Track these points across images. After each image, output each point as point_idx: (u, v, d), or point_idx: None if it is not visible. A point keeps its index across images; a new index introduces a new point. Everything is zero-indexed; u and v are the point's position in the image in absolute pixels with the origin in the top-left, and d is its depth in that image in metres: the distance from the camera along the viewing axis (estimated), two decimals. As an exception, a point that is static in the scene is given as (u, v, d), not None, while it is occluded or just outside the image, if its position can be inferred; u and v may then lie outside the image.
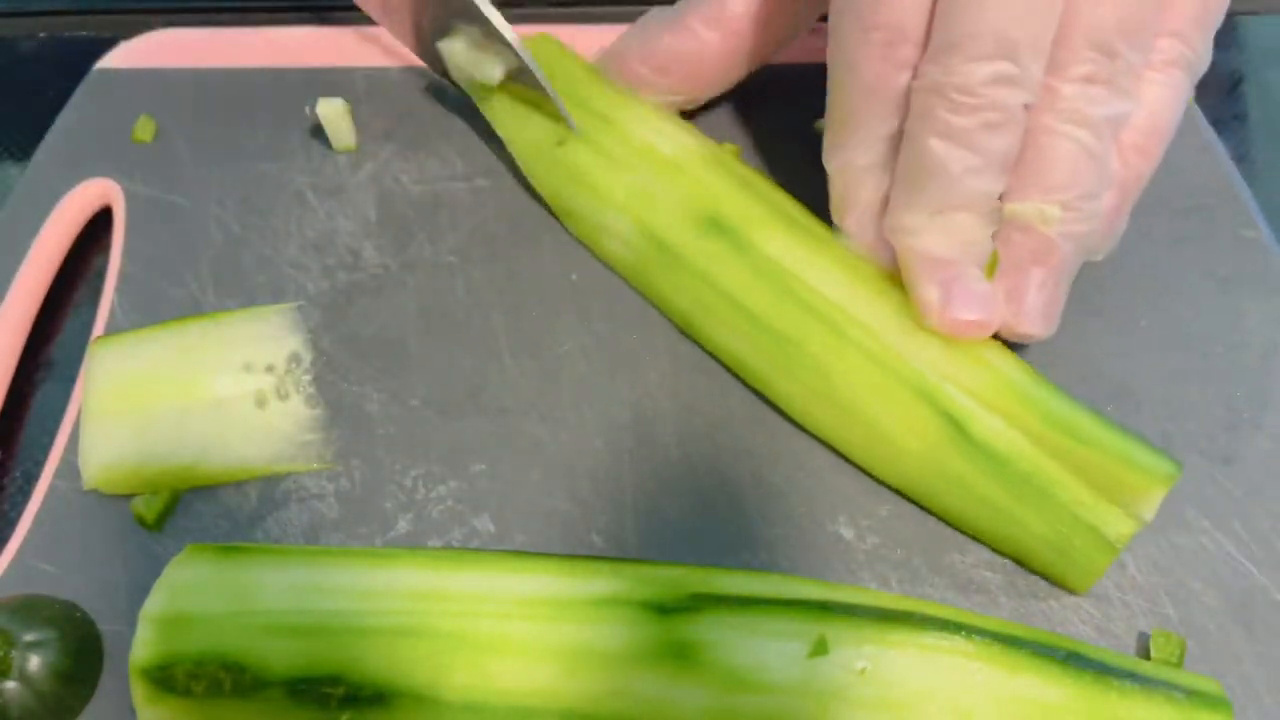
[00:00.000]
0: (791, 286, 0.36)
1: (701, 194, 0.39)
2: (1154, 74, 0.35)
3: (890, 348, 0.35)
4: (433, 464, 0.37)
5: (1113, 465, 0.33)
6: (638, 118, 0.42)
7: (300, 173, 0.46)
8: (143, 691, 0.30)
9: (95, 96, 0.49)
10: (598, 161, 0.41)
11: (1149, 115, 0.36)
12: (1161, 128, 0.36)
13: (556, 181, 0.42)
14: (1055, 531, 0.32)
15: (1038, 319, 0.35)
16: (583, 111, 0.42)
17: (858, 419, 0.35)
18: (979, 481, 0.33)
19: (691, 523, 0.35)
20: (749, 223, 0.38)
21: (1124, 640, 0.33)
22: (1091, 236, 0.36)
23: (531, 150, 0.43)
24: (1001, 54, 0.32)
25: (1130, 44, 0.33)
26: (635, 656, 0.29)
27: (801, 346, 0.36)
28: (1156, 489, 0.33)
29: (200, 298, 0.42)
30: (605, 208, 0.41)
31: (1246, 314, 0.41)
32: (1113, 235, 0.38)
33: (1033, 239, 0.35)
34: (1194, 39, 0.36)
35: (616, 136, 0.41)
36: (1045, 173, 0.34)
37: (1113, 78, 0.34)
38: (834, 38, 0.36)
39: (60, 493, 0.36)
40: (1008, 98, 0.33)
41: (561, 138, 0.42)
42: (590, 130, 0.42)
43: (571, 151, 0.42)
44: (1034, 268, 0.35)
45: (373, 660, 0.29)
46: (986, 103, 0.32)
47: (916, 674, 0.28)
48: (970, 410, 0.33)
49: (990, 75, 0.32)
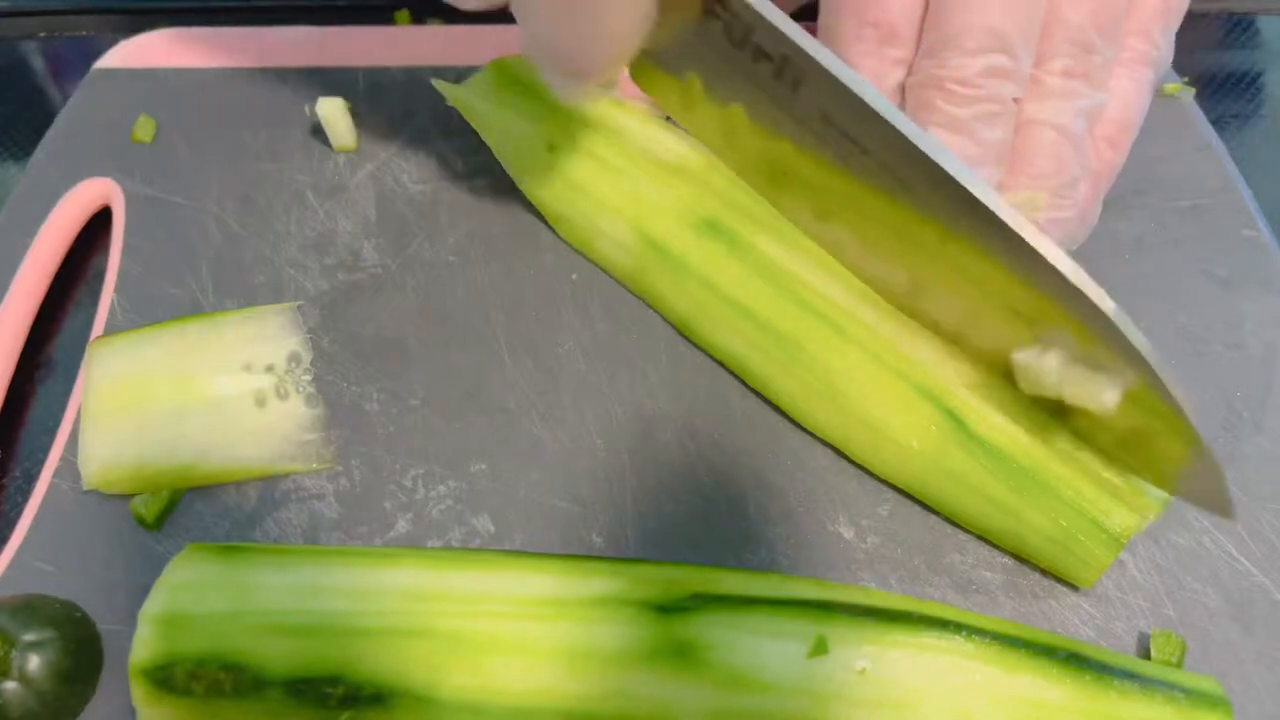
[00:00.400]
0: (790, 286, 0.36)
1: (697, 197, 0.39)
2: (1123, 69, 0.37)
3: (890, 345, 0.35)
4: (433, 464, 0.37)
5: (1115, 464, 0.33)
6: (630, 124, 0.42)
7: (300, 173, 0.46)
8: (143, 691, 0.30)
9: (95, 96, 0.49)
10: (590, 167, 0.41)
11: (1119, 109, 0.37)
12: (1130, 121, 0.38)
13: (547, 187, 0.42)
14: (1058, 527, 0.32)
15: None
16: (572, 119, 0.42)
17: (859, 417, 0.35)
18: (981, 478, 0.33)
19: (691, 523, 0.35)
20: (746, 224, 0.38)
21: (1124, 640, 0.33)
22: (1072, 223, 0.37)
23: (519, 157, 0.43)
24: (995, 47, 0.33)
25: (1104, 40, 0.35)
26: (635, 656, 0.29)
27: (801, 345, 0.36)
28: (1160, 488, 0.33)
29: (200, 298, 0.42)
30: (600, 213, 0.41)
31: (1246, 314, 0.41)
32: (1087, 225, 0.39)
33: None
34: (1158, 37, 0.37)
35: (608, 143, 0.41)
36: (1031, 161, 0.35)
37: (1089, 71, 0.35)
38: (827, 36, 0.37)
39: (60, 493, 0.36)
40: (1001, 89, 0.34)
41: (551, 143, 0.42)
42: (582, 134, 0.42)
43: (562, 158, 0.41)
44: None
45: (372, 660, 0.29)
46: (984, 94, 0.34)
47: (916, 674, 0.28)
48: (971, 406, 0.33)
49: (985, 67, 0.33)
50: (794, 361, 0.36)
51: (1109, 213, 0.41)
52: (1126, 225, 0.43)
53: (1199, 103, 0.49)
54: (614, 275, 0.42)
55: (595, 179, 0.41)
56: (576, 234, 0.42)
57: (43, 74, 0.56)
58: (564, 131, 0.42)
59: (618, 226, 0.40)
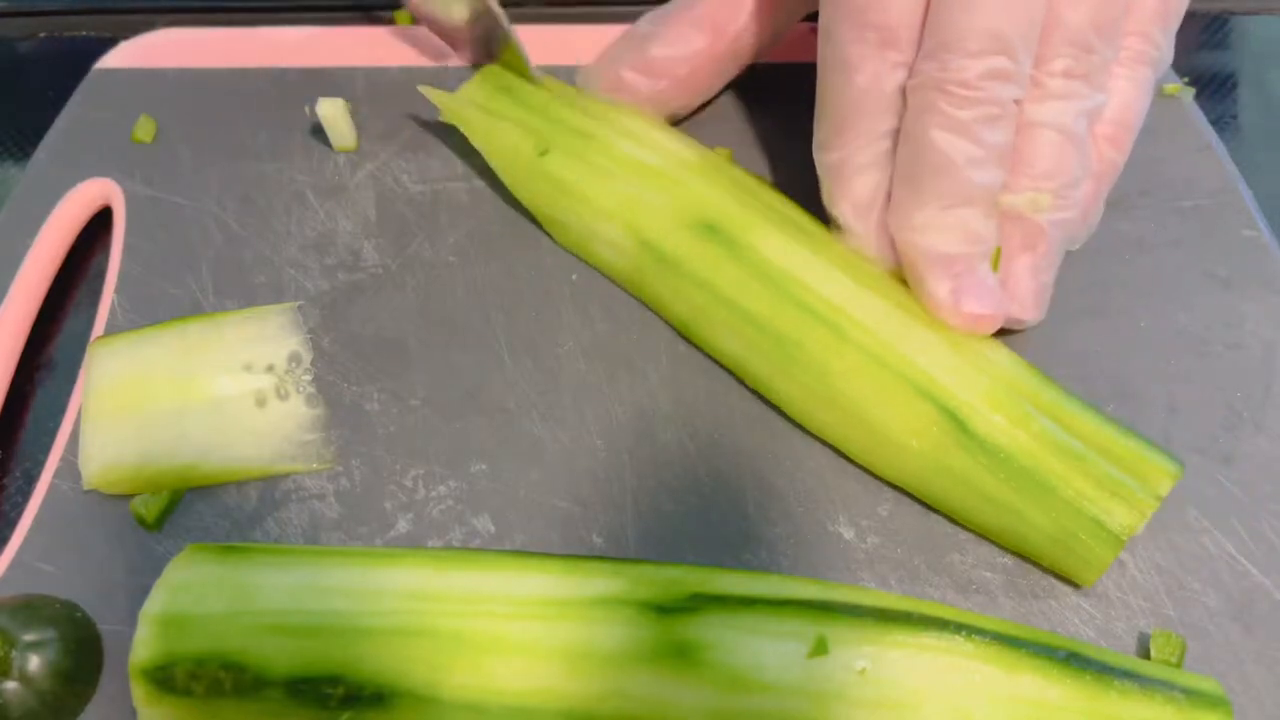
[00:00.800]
0: (789, 288, 0.36)
1: (694, 199, 0.39)
2: (1122, 70, 0.38)
3: (890, 346, 0.35)
4: (433, 464, 0.37)
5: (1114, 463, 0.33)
6: (623, 126, 0.42)
7: (300, 173, 0.46)
8: (143, 691, 0.30)
9: (95, 96, 0.49)
10: (583, 171, 0.41)
11: (1119, 108, 0.38)
12: (1131, 120, 0.39)
13: (540, 192, 0.42)
14: (1059, 526, 0.32)
15: (1030, 304, 0.37)
16: (564, 123, 0.42)
17: (858, 419, 0.35)
18: (981, 478, 0.33)
19: (691, 523, 0.35)
20: (743, 225, 0.38)
21: (1124, 640, 0.33)
22: (1074, 224, 0.38)
23: (512, 163, 0.43)
24: (996, 50, 0.33)
25: (1103, 40, 0.35)
26: (635, 656, 0.29)
27: (801, 347, 0.36)
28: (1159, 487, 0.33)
29: (200, 298, 0.42)
30: (594, 216, 0.40)
31: (1246, 314, 0.41)
32: (1088, 225, 0.40)
33: (1023, 227, 0.36)
34: (1157, 37, 0.38)
35: (600, 147, 0.41)
36: (1034, 162, 0.36)
37: (1089, 72, 0.36)
38: (827, 39, 0.37)
39: (60, 493, 0.36)
40: (1003, 91, 0.34)
41: (542, 148, 0.42)
42: (573, 141, 0.42)
43: (554, 162, 0.41)
44: (1025, 254, 0.37)
45: (372, 660, 0.29)
46: (985, 96, 0.34)
47: (916, 674, 0.28)
48: (971, 407, 0.33)
49: (986, 70, 0.33)
50: (793, 363, 0.36)
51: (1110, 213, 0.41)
52: (1127, 225, 0.43)
53: (1199, 103, 0.48)
54: (612, 278, 0.42)
55: (588, 183, 0.41)
56: (572, 238, 0.42)
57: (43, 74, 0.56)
58: (555, 137, 0.42)
59: (612, 230, 0.40)
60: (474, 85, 0.45)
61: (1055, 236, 0.37)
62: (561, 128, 0.42)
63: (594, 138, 0.41)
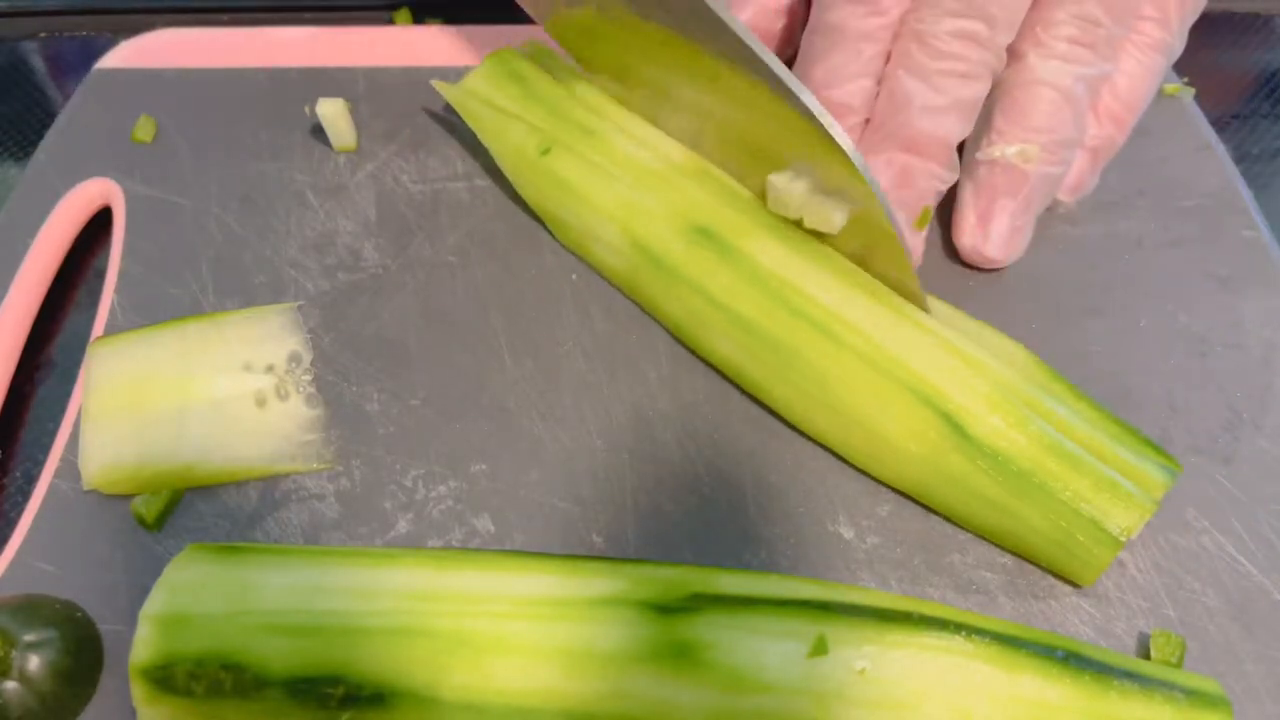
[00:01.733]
0: (784, 293, 0.36)
1: (689, 203, 0.39)
2: (1135, 51, 0.40)
3: (886, 351, 0.35)
4: (433, 464, 0.37)
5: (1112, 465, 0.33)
6: (624, 127, 0.42)
7: (300, 173, 0.46)
8: (143, 691, 0.30)
9: (95, 96, 0.49)
10: (584, 170, 0.41)
11: (1125, 86, 0.40)
12: (1135, 99, 0.41)
13: (543, 190, 0.42)
14: (1057, 528, 0.32)
15: (1001, 244, 0.41)
16: (567, 121, 0.42)
17: (856, 423, 0.35)
18: (980, 481, 0.33)
19: (691, 523, 0.35)
20: (738, 230, 0.38)
21: (1124, 640, 0.33)
22: (1059, 179, 0.41)
23: (515, 159, 0.43)
24: (971, 14, 0.36)
25: (1113, 18, 0.38)
26: (635, 656, 0.29)
27: (797, 353, 0.36)
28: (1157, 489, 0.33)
29: (200, 298, 0.42)
30: (594, 217, 0.40)
31: (1246, 314, 0.41)
32: (1080, 190, 0.43)
33: (1010, 174, 0.40)
34: (1173, 25, 0.40)
35: (601, 146, 0.41)
36: (1029, 115, 0.39)
37: (1095, 43, 0.38)
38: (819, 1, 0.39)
39: (60, 493, 0.36)
40: (971, 53, 0.37)
41: (545, 145, 0.42)
42: (576, 138, 0.42)
43: (557, 161, 0.41)
44: (1005, 198, 0.40)
45: (372, 660, 0.29)
46: (955, 52, 0.37)
47: (916, 674, 0.28)
48: (969, 410, 0.33)
49: (957, 29, 0.37)
50: (789, 368, 0.36)
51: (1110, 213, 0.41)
52: (1127, 225, 0.44)
53: (1199, 103, 0.49)
54: (610, 279, 0.42)
55: (588, 182, 0.40)
56: (572, 237, 0.42)
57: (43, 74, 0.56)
58: (558, 134, 0.42)
59: (610, 231, 0.40)
60: (482, 71, 0.45)
61: (1038, 187, 0.40)
62: (565, 122, 0.42)
63: (596, 134, 0.41)
